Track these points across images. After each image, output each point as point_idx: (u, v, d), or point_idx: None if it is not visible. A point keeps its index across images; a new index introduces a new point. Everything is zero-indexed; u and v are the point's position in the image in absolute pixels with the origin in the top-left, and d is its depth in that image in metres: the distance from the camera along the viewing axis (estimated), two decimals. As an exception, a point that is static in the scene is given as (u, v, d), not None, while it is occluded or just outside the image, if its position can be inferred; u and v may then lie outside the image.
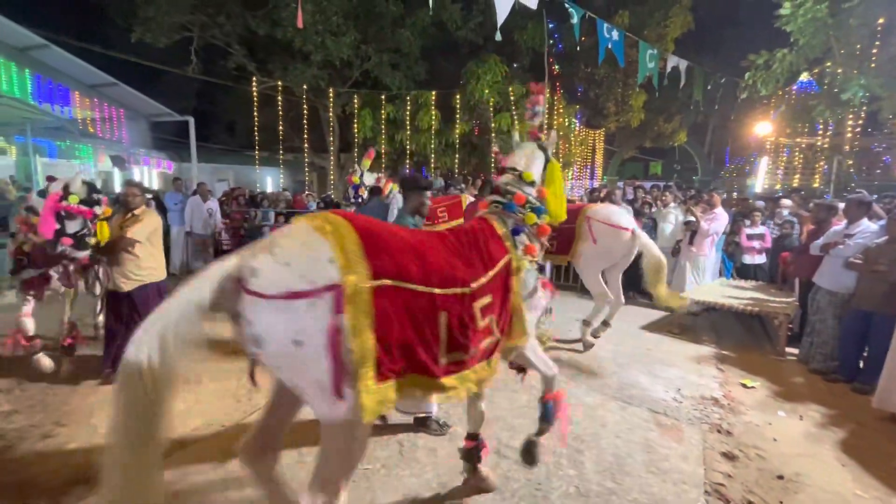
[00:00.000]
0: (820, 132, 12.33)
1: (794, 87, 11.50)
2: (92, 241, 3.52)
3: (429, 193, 3.04)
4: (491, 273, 1.93)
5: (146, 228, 3.71)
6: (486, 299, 1.87)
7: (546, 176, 2.39)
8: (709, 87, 11.57)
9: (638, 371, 4.21)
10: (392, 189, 6.70)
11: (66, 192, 3.40)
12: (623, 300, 4.83)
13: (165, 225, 6.23)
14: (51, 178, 3.65)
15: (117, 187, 11.42)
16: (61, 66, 9.90)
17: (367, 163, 7.08)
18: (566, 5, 7.34)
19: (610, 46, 8.18)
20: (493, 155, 7.01)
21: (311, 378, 1.49)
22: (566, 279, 7.58)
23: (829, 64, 8.43)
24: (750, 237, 6.23)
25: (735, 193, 13.26)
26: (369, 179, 7.16)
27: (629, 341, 5.03)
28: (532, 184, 2.30)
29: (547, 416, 2.40)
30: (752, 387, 4.00)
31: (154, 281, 3.81)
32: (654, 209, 7.43)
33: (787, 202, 6.68)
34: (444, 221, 5.82)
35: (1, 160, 13.38)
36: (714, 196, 6.15)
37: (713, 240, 6.10)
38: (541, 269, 2.30)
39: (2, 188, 9.30)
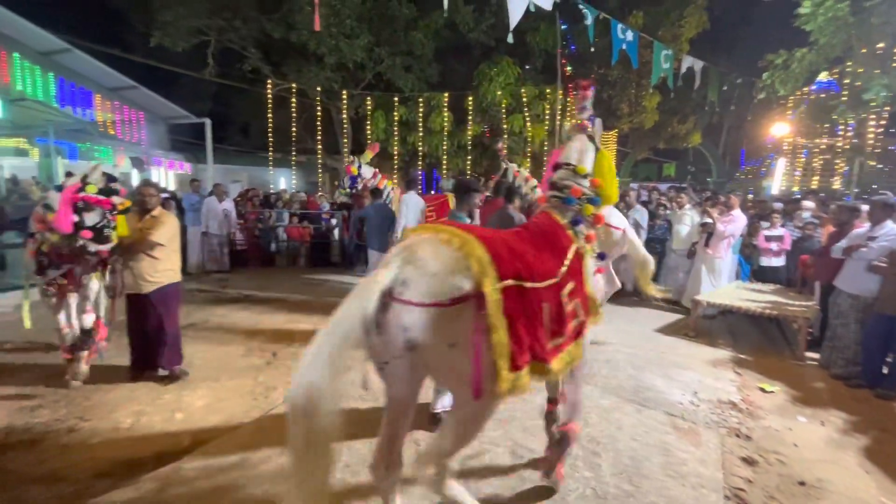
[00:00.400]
0: (840, 133, 12.09)
1: (814, 87, 11.30)
2: (113, 234, 3.39)
3: (480, 195, 3.31)
4: (566, 261, 2.10)
5: (168, 231, 3.67)
6: (570, 286, 2.05)
7: (597, 165, 2.53)
8: (724, 88, 11.44)
9: (653, 374, 4.17)
10: (387, 186, 6.74)
11: (84, 182, 3.30)
12: (619, 284, 4.94)
13: (182, 225, 6.32)
14: (69, 174, 3.48)
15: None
16: (83, 70, 10.16)
17: (368, 155, 7.09)
18: (580, 6, 7.32)
19: (624, 47, 8.14)
20: (499, 152, 6.99)
21: (459, 372, 1.66)
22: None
23: (849, 63, 8.27)
24: (768, 239, 6.14)
25: (750, 195, 13.07)
26: (367, 172, 7.04)
27: (644, 344, 4.98)
28: (586, 176, 2.44)
29: (563, 445, 2.51)
30: (771, 391, 3.94)
31: (172, 282, 3.80)
32: (668, 211, 7.36)
33: (808, 204, 6.57)
34: (433, 220, 6.17)
35: (24, 161, 13.75)
36: (731, 198, 6.07)
37: (730, 242, 6.02)
38: (601, 257, 2.48)
39: (26, 188, 9.54)
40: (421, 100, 12.44)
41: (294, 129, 12.54)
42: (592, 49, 10.06)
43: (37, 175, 12.42)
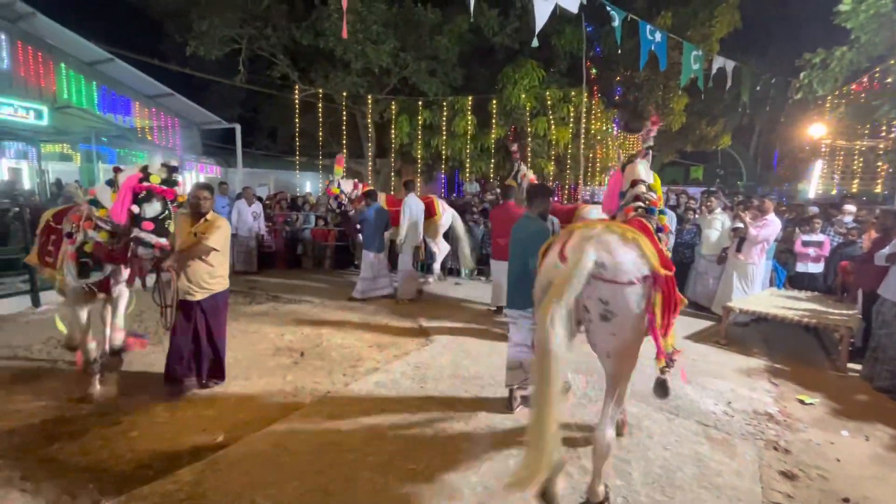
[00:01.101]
0: (882, 134, 11.54)
1: (854, 87, 10.83)
2: (171, 226, 3.20)
3: (554, 198, 3.97)
4: (666, 258, 2.48)
5: (223, 236, 3.47)
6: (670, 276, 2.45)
7: (655, 184, 3.10)
8: (758, 88, 11.08)
9: (684, 382, 4.07)
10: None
11: (146, 172, 3.09)
12: None
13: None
14: (118, 169, 3.24)
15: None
16: (124, 79, 10.64)
17: (339, 170, 7.07)
18: (608, 8, 7.23)
19: (653, 48, 7.98)
20: (513, 154, 7.04)
21: (636, 333, 2.28)
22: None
23: (893, 62, 7.90)
24: (806, 244, 5.91)
25: (784, 199, 12.61)
26: (347, 186, 7.09)
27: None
28: (655, 192, 2.97)
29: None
30: (811, 403, 3.78)
31: (223, 290, 3.64)
32: (697, 215, 7.17)
33: (850, 208, 6.29)
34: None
35: (67, 166, 14.49)
36: (766, 202, 5.86)
37: (763, 248, 5.81)
38: None
39: (71, 192, 9.99)
40: (445, 104, 12.51)
41: (321, 133, 12.80)
42: (619, 51, 9.91)
43: (79, 179, 13.07)
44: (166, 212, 3.15)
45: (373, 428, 3.12)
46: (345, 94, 12.33)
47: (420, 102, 12.60)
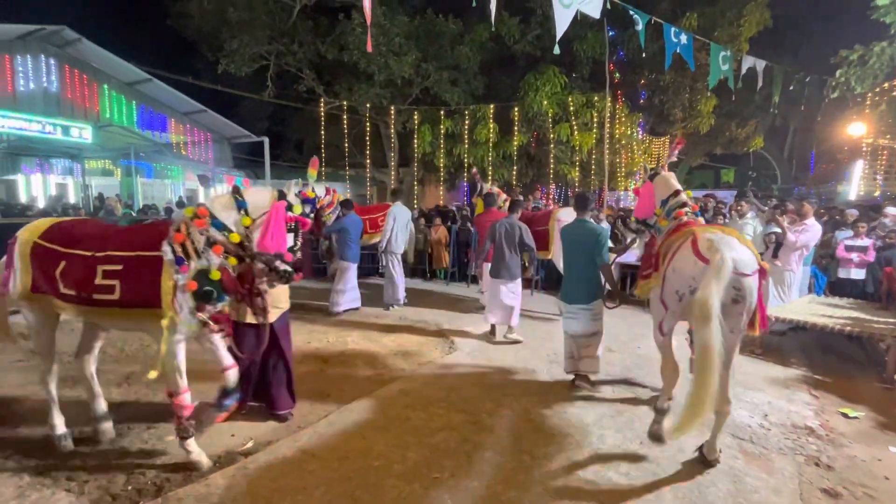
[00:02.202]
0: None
1: (896, 83, 10.32)
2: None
3: (593, 204, 4.56)
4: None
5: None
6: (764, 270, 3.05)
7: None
8: (791, 88, 10.69)
9: (717, 393, 3.93)
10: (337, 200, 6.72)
11: (289, 202, 2.84)
12: None
13: None
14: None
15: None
16: (160, 97, 11.20)
17: (313, 173, 6.86)
18: (631, 12, 7.16)
19: (678, 51, 7.84)
20: (474, 176, 7.40)
21: (752, 313, 2.83)
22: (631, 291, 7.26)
23: (938, 56, 7.51)
24: (849, 249, 5.63)
25: (822, 201, 12.05)
26: (321, 191, 6.58)
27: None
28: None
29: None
30: (855, 417, 3.58)
31: (287, 308, 3.44)
32: (727, 219, 6.95)
33: (892, 210, 5.98)
34: (379, 227, 7.04)
35: (109, 181, 15.29)
36: (805, 205, 5.61)
37: (802, 253, 5.57)
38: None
39: (111, 205, 10.56)
40: (466, 112, 12.60)
41: (346, 144, 13.09)
42: (644, 55, 9.77)
43: (119, 193, 13.77)
44: (298, 243, 2.95)
45: (398, 435, 3.14)
46: (368, 105, 12.59)
47: (442, 112, 12.73)
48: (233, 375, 2.90)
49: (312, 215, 6.44)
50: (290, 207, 2.82)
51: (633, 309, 6.80)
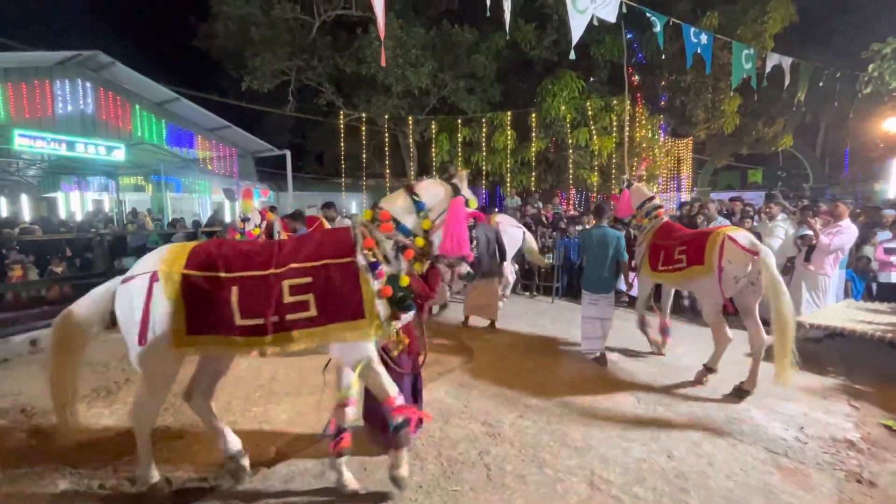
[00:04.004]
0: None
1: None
2: None
3: (609, 212, 5.01)
4: None
5: None
6: None
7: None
8: (821, 84, 10.31)
9: (748, 404, 3.77)
10: (274, 220, 6.56)
11: (464, 196, 2.65)
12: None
13: None
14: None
15: (227, 217, 12.96)
16: (188, 115, 11.64)
17: (247, 205, 6.26)
18: (648, 14, 7.07)
19: (699, 51, 7.68)
20: (451, 177, 7.16)
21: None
22: (657, 300, 7.08)
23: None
24: (888, 251, 5.35)
25: (859, 201, 11.52)
26: (256, 217, 6.50)
27: (734, 369, 4.51)
28: None
29: None
30: (900, 430, 3.38)
31: None
32: (755, 222, 6.72)
33: (934, 210, 5.66)
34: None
35: (141, 196, 15.94)
36: (839, 206, 5.36)
37: (837, 257, 5.32)
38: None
39: (142, 220, 10.98)
40: (484, 120, 12.63)
41: (364, 155, 13.30)
42: (664, 56, 9.61)
43: (150, 207, 14.32)
44: (475, 241, 2.90)
45: (416, 447, 3.12)
46: (387, 116, 12.78)
47: (459, 120, 12.80)
48: (398, 403, 2.50)
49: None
50: (466, 203, 2.60)
51: (656, 315, 6.62)
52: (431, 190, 2.61)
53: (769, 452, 3.06)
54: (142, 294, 2.30)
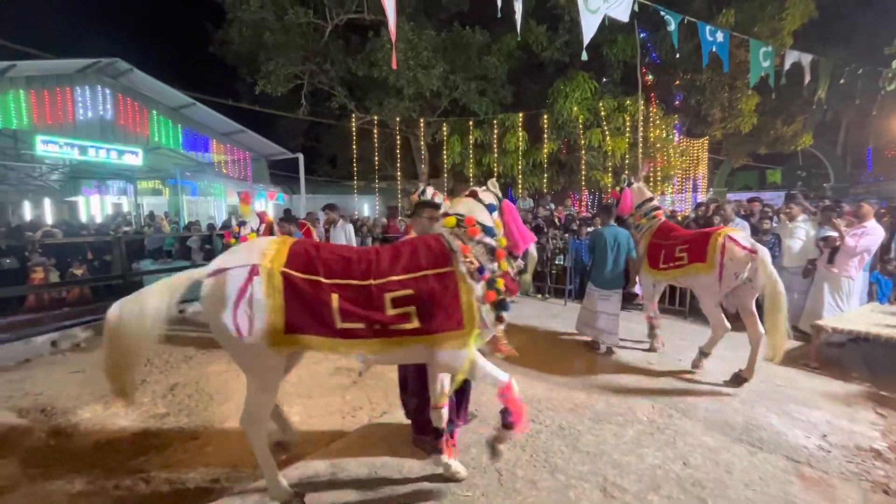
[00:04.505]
0: None
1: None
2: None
3: (615, 212, 5.24)
4: None
5: None
6: None
7: None
8: (841, 82, 10.05)
9: (767, 410, 3.67)
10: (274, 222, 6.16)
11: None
12: None
13: None
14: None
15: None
16: (203, 120, 11.85)
17: (245, 209, 6.05)
18: (662, 13, 6.97)
19: (714, 49, 7.55)
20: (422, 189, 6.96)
21: None
22: (671, 302, 6.96)
23: None
24: (914, 253, 5.17)
25: (876, 200, 11.16)
26: (254, 222, 6.14)
27: (754, 374, 4.41)
28: None
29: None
30: (930, 439, 3.25)
31: None
32: (775, 223, 6.55)
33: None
34: None
35: (158, 200, 16.26)
36: (864, 206, 5.20)
37: (862, 259, 5.16)
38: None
39: (159, 223, 11.18)
40: (495, 122, 12.60)
41: (376, 157, 13.38)
42: (678, 55, 9.46)
43: (167, 210, 14.58)
44: None
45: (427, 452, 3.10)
46: (398, 119, 12.83)
47: (471, 122, 12.79)
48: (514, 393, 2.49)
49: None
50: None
51: (672, 318, 6.51)
52: (487, 195, 2.74)
53: (790, 461, 2.97)
54: (240, 288, 2.21)
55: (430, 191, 3.04)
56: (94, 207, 16.74)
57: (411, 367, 3.00)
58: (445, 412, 2.66)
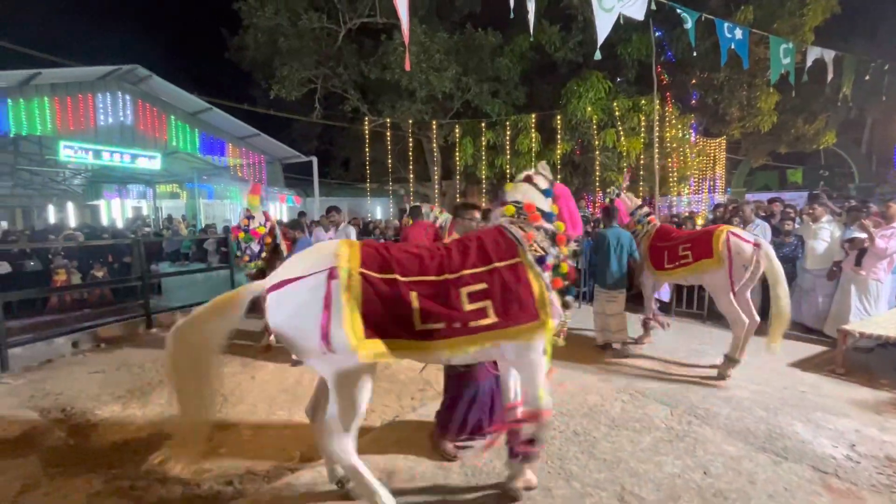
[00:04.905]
0: None
1: None
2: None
3: (616, 214, 5.33)
4: None
5: None
6: None
7: None
8: (866, 78, 9.74)
9: (791, 418, 3.54)
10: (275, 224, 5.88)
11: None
12: None
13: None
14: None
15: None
16: (219, 124, 12.04)
17: (253, 201, 5.82)
18: (678, 11, 6.85)
19: (733, 46, 7.38)
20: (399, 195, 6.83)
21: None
22: (689, 305, 6.81)
23: None
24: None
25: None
26: (261, 217, 5.87)
27: (776, 381, 4.28)
28: None
29: None
30: (966, 450, 3.09)
31: None
32: (797, 224, 6.36)
33: None
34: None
35: (176, 203, 16.57)
36: (892, 206, 5.02)
37: (892, 261, 4.97)
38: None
39: (176, 226, 11.38)
40: (508, 123, 12.54)
41: (389, 160, 13.43)
42: (694, 53, 9.29)
43: (185, 213, 14.86)
44: None
45: (442, 455, 3.07)
46: (411, 121, 12.86)
47: (483, 124, 12.75)
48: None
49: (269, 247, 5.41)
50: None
51: (688, 322, 6.37)
52: (542, 180, 2.69)
53: (817, 471, 2.86)
54: (319, 294, 2.06)
55: (425, 208, 3.08)
56: (114, 211, 17.15)
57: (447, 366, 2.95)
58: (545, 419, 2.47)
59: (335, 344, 2.04)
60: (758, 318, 4.37)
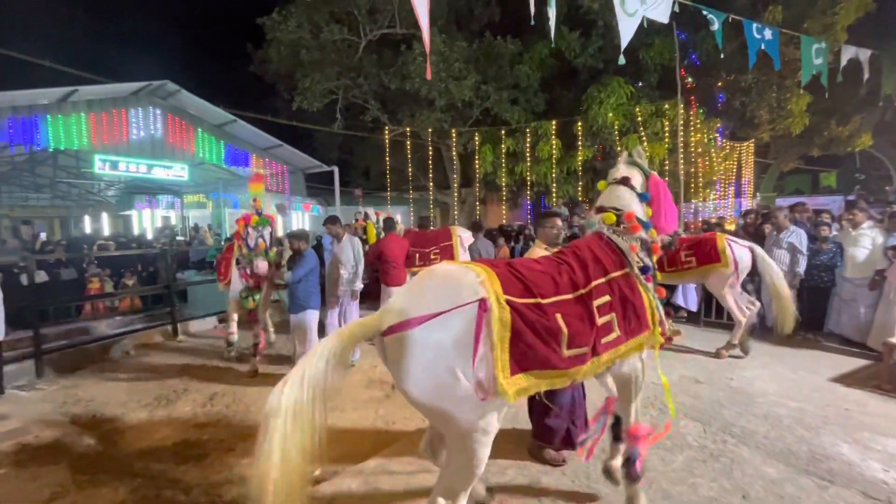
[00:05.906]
0: None
1: None
2: None
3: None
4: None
5: None
6: None
7: None
8: (907, 77, 9.30)
9: (835, 438, 3.33)
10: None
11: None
12: None
13: (321, 260, 6.28)
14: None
15: (279, 231, 13.53)
16: (244, 135, 12.31)
17: (256, 188, 5.59)
18: (704, 12, 6.69)
19: (762, 47, 7.16)
20: (357, 198, 6.68)
21: None
22: (708, 314, 6.57)
23: None
24: None
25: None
26: (264, 203, 5.64)
27: (817, 397, 4.05)
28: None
29: None
30: None
31: None
32: (834, 231, 6.07)
33: None
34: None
35: (202, 213, 17.04)
36: None
37: (943, 270, 4.69)
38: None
39: (202, 235, 11.66)
40: (528, 130, 12.46)
41: (409, 168, 13.51)
42: (721, 56, 9.05)
43: (210, 223, 15.24)
44: None
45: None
46: (430, 130, 12.91)
47: (503, 131, 12.71)
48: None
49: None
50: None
51: (718, 331, 6.13)
52: (637, 177, 2.54)
53: (866, 497, 2.66)
54: (469, 332, 1.74)
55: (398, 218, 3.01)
56: (145, 220, 17.75)
57: None
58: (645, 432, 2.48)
59: (489, 386, 1.75)
60: (758, 304, 5.28)
